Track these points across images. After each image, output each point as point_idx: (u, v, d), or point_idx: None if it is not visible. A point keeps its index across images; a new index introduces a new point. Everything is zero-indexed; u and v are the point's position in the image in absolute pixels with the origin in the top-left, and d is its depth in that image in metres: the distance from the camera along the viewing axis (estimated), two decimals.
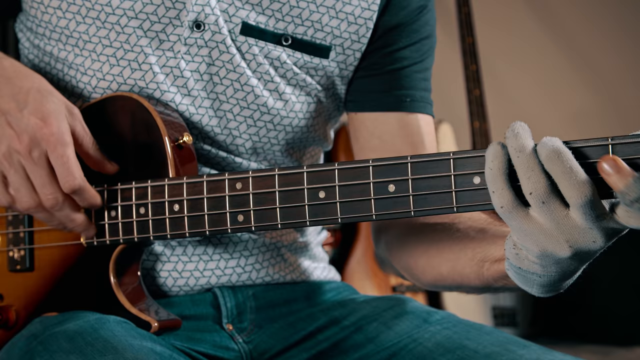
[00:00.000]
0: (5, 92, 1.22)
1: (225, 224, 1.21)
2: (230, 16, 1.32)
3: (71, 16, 1.33)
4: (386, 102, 1.40)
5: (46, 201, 1.22)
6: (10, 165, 1.22)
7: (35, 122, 1.20)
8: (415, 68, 1.40)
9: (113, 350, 1.15)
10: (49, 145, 1.20)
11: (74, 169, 1.21)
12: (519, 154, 0.99)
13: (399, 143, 1.40)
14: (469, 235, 1.25)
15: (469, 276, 1.23)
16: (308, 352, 1.39)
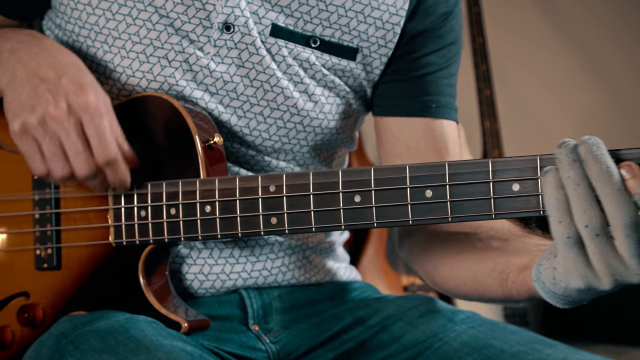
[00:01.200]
0: (45, 62, 1.22)
1: (258, 227, 1.21)
2: (260, 18, 1.32)
3: (101, 13, 1.33)
4: (412, 107, 1.40)
5: (79, 169, 1.22)
6: (45, 132, 1.21)
7: (73, 90, 1.20)
8: (441, 74, 1.41)
9: (145, 350, 1.15)
10: (86, 113, 1.20)
11: (109, 139, 1.21)
12: (576, 187, 1.00)
13: (423, 148, 1.40)
14: (491, 245, 1.26)
15: (491, 287, 1.23)
16: (334, 351, 1.39)
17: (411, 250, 1.43)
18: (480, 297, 1.28)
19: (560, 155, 1.01)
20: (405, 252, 1.46)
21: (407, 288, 3.11)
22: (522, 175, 1.05)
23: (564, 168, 1.00)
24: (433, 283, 1.38)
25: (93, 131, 1.20)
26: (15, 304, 1.39)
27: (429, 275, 1.38)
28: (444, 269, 1.33)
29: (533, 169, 1.05)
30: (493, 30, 3.51)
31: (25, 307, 1.37)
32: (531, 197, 1.05)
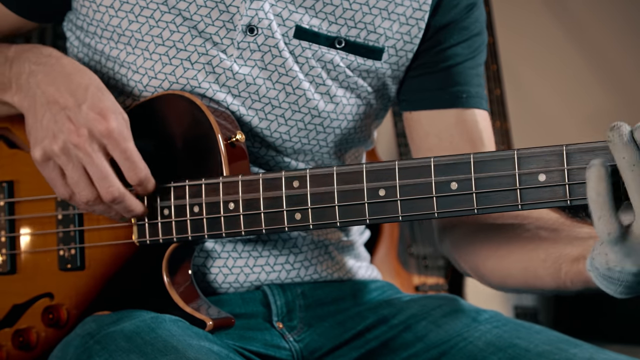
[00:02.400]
0: (64, 88, 1.23)
1: (282, 223, 1.22)
2: (284, 20, 1.33)
3: (123, 15, 1.33)
4: (442, 99, 1.40)
5: (106, 194, 1.23)
6: (69, 160, 1.23)
7: (94, 117, 1.21)
8: (468, 64, 1.40)
9: (174, 350, 1.15)
10: (110, 140, 1.21)
11: (138, 160, 1.23)
12: (633, 168, 0.98)
13: (456, 140, 1.39)
14: (540, 235, 1.24)
15: (544, 278, 1.22)
16: (358, 350, 1.39)
17: (454, 244, 1.41)
18: (530, 288, 1.27)
19: (614, 138, 0.99)
20: (447, 247, 1.44)
21: (418, 288, 3.11)
22: (549, 166, 1.05)
23: (618, 150, 0.99)
24: (479, 276, 1.37)
25: (121, 155, 1.23)
26: (40, 305, 1.40)
27: (475, 269, 1.37)
28: (490, 261, 1.32)
29: (559, 159, 1.05)
30: (503, 30, 3.51)
31: (50, 308, 1.38)
32: (558, 187, 1.05)
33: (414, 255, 2.96)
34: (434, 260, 2.98)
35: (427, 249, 2.98)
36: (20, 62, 1.28)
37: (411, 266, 2.98)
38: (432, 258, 2.99)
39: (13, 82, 1.28)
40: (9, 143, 1.45)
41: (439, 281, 2.97)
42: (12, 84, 1.28)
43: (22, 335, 1.40)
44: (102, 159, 1.22)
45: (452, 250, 1.42)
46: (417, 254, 2.97)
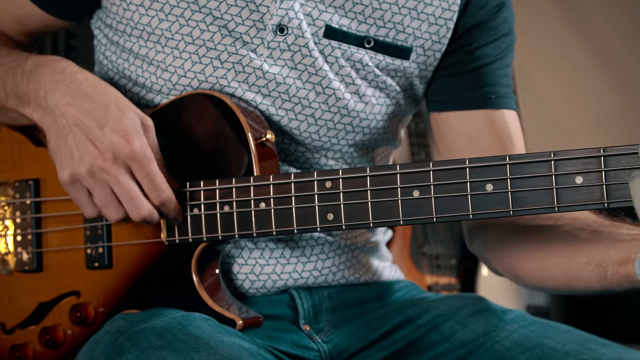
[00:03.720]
0: (84, 108, 1.24)
1: (314, 223, 1.22)
2: (314, 19, 1.33)
3: (154, 13, 1.33)
4: (471, 100, 1.40)
5: (135, 215, 1.25)
6: (95, 182, 1.24)
7: (118, 140, 1.22)
8: (496, 65, 1.40)
9: (206, 347, 1.15)
10: (134, 162, 1.22)
11: (160, 183, 1.24)
12: None
13: (486, 140, 1.39)
14: (579, 237, 1.24)
15: (588, 280, 1.21)
16: (385, 351, 1.39)
17: (486, 245, 1.41)
18: (572, 289, 1.27)
19: None
20: (479, 247, 1.44)
21: (430, 287, 3.11)
22: (586, 168, 1.05)
23: None
24: (515, 277, 1.37)
25: (144, 177, 1.24)
26: (66, 303, 1.40)
27: (510, 270, 1.36)
28: (529, 263, 1.31)
29: (597, 161, 1.05)
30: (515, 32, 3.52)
31: (77, 306, 1.38)
32: (595, 189, 1.05)
33: (427, 255, 2.96)
34: (446, 259, 2.99)
35: (439, 249, 2.98)
36: (37, 78, 1.28)
37: (424, 266, 2.98)
38: (445, 258, 2.99)
39: (32, 99, 1.28)
40: (35, 141, 1.45)
41: (451, 281, 2.97)
42: (30, 100, 1.28)
43: (49, 333, 1.40)
44: (129, 180, 1.23)
45: (485, 251, 1.42)
46: (429, 254, 2.97)
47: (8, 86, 1.30)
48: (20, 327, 1.44)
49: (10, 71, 1.31)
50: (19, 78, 1.29)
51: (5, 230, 1.46)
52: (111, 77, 1.41)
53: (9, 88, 1.30)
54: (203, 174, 1.30)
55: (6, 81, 1.31)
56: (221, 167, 1.30)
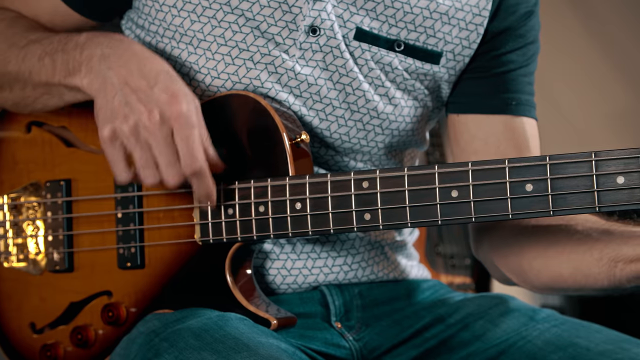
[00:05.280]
0: (136, 70, 1.23)
1: (351, 223, 1.22)
2: (345, 21, 1.33)
3: (186, 15, 1.34)
4: (492, 104, 1.41)
5: (169, 181, 1.22)
6: (137, 142, 1.22)
7: (166, 99, 1.20)
8: (520, 72, 1.42)
9: (245, 348, 1.16)
10: (177, 123, 1.20)
11: (197, 150, 1.21)
12: None
13: (503, 146, 1.41)
14: (591, 236, 1.25)
15: (597, 277, 1.23)
16: (416, 349, 1.40)
17: (493, 246, 1.42)
18: (581, 287, 1.28)
19: None
20: (485, 250, 1.44)
21: None
22: (627, 168, 1.06)
23: None
24: (522, 279, 1.38)
25: (182, 141, 1.21)
26: (98, 302, 1.40)
27: (518, 270, 1.37)
28: (537, 262, 1.33)
29: (638, 161, 1.06)
30: None
31: (109, 306, 1.38)
32: (636, 190, 1.06)
33: (441, 254, 2.97)
34: (461, 259, 2.99)
35: (454, 248, 2.98)
36: (92, 46, 1.27)
37: (438, 265, 2.98)
38: (459, 257, 2.99)
39: (83, 65, 1.27)
40: (66, 142, 1.46)
41: (466, 280, 2.97)
42: (82, 67, 1.27)
43: (81, 332, 1.40)
44: (170, 144, 1.21)
45: (492, 252, 1.42)
46: (444, 253, 2.97)
47: (57, 61, 1.29)
48: (50, 327, 1.44)
49: (60, 46, 1.30)
50: (71, 49, 1.28)
51: (36, 231, 1.46)
52: None
53: (59, 63, 1.29)
54: (238, 175, 1.30)
55: (56, 57, 1.30)
56: (256, 167, 1.30)
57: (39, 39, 1.34)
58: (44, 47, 1.32)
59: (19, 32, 1.38)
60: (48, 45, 1.32)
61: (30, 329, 1.46)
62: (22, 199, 1.48)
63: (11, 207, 1.48)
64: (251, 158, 1.31)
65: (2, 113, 1.51)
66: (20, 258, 1.47)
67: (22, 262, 1.47)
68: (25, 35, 1.37)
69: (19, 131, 1.50)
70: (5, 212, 1.48)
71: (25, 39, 1.36)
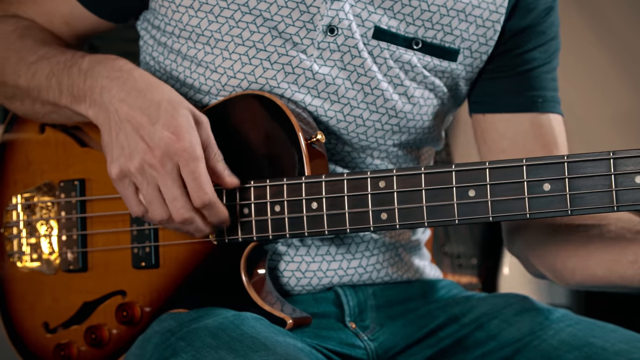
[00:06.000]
0: (138, 105, 1.23)
1: (368, 222, 1.22)
2: (363, 20, 1.33)
3: (203, 15, 1.34)
4: (518, 103, 1.42)
5: (177, 215, 1.24)
6: (143, 178, 1.23)
7: (168, 136, 1.21)
8: (544, 69, 1.42)
9: (263, 347, 1.16)
10: (182, 159, 1.21)
11: (205, 183, 1.23)
12: None
13: (531, 144, 1.41)
14: (625, 236, 1.26)
15: (632, 279, 1.24)
16: (431, 349, 1.40)
17: (528, 245, 1.43)
18: (613, 286, 1.29)
19: None
20: (520, 247, 1.46)
21: None
22: None
23: None
24: (556, 276, 1.39)
25: (189, 175, 1.22)
26: (112, 302, 1.41)
27: (552, 269, 1.38)
28: (571, 260, 1.33)
29: None
30: None
31: (124, 306, 1.38)
32: None
33: (448, 254, 2.97)
34: (467, 259, 2.99)
35: (460, 248, 2.99)
36: (94, 76, 1.28)
37: (445, 265, 2.98)
38: (466, 257, 2.99)
39: (87, 96, 1.28)
40: (80, 142, 1.46)
41: (473, 280, 2.97)
42: (86, 97, 1.28)
43: (95, 332, 1.40)
44: (175, 180, 1.22)
45: (525, 251, 1.43)
46: (450, 253, 2.98)
47: (64, 84, 1.31)
48: (63, 327, 1.45)
49: (65, 70, 1.31)
50: (76, 76, 1.29)
51: (50, 230, 1.46)
52: (158, 78, 1.41)
53: (65, 87, 1.30)
54: (253, 175, 1.30)
55: (62, 79, 1.31)
56: (271, 167, 1.30)
57: (48, 55, 1.36)
58: (52, 67, 1.34)
59: (30, 44, 1.39)
60: (55, 65, 1.33)
61: (44, 329, 1.46)
62: (35, 199, 1.48)
63: (25, 207, 1.48)
64: (267, 158, 1.31)
65: None
66: (34, 258, 1.47)
67: (36, 261, 1.47)
68: (36, 49, 1.38)
69: (33, 131, 1.50)
70: (19, 212, 1.49)
71: (35, 54, 1.37)
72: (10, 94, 1.42)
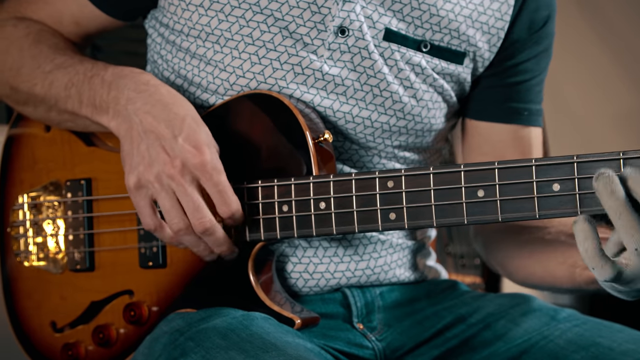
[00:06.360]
0: (163, 117, 1.25)
1: (376, 222, 1.22)
2: (374, 22, 1.33)
3: (213, 14, 1.34)
4: (504, 114, 1.45)
5: (198, 225, 1.24)
6: (162, 189, 1.24)
7: (189, 150, 1.22)
8: (534, 82, 1.46)
9: (273, 347, 1.16)
10: (204, 173, 1.23)
11: (230, 194, 1.24)
12: (620, 216, 1.03)
13: (509, 153, 1.45)
14: (559, 239, 1.32)
15: (561, 279, 1.31)
16: (438, 349, 1.40)
17: (484, 243, 1.51)
18: (549, 286, 1.37)
19: (599, 187, 1.04)
20: (480, 244, 1.54)
21: None
22: None
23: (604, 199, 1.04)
24: (506, 273, 1.48)
25: (213, 188, 1.24)
26: (120, 302, 1.41)
27: (502, 265, 1.47)
28: (515, 260, 1.42)
29: None
30: None
31: (132, 305, 1.38)
32: None
33: (451, 254, 2.97)
34: (470, 259, 2.99)
35: (464, 248, 2.98)
36: (119, 88, 1.28)
37: (448, 265, 2.98)
38: (469, 257, 2.99)
39: (110, 107, 1.29)
40: (86, 141, 1.46)
41: (476, 280, 2.97)
42: (109, 108, 1.29)
43: (103, 331, 1.40)
44: (194, 191, 1.23)
45: (483, 248, 1.52)
46: (454, 253, 2.98)
47: (84, 95, 1.31)
48: (70, 326, 1.45)
49: (86, 80, 1.32)
50: (98, 87, 1.30)
51: (57, 230, 1.46)
52: (166, 76, 1.42)
53: (85, 97, 1.31)
54: (260, 175, 1.30)
55: (82, 89, 1.32)
56: (279, 167, 1.30)
57: (65, 64, 1.36)
58: (70, 77, 1.34)
59: (45, 52, 1.40)
60: (74, 75, 1.34)
61: (51, 328, 1.46)
62: (42, 198, 1.48)
63: (31, 206, 1.48)
64: (274, 157, 1.31)
65: None
66: (40, 257, 1.47)
67: (42, 261, 1.47)
68: (52, 57, 1.38)
69: (39, 130, 1.50)
70: (25, 211, 1.49)
71: (52, 62, 1.38)
72: (22, 100, 1.42)
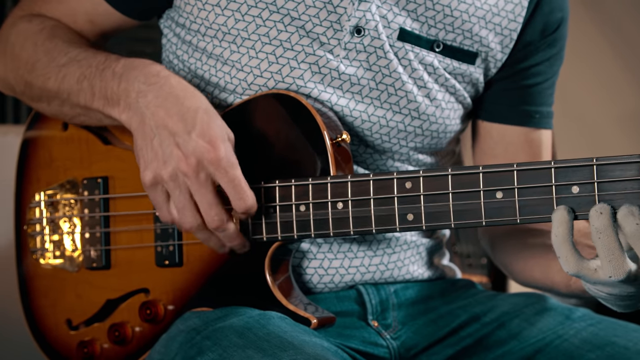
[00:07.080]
0: (174, 111, 1.23)
1: (394, 224, 1.23)
2: (389, 22, 1.34)
3: (230, 13, 1.34)
4: (516, 116, 1.47)
5: (211, 222, 1.24)
6: (176, 186, 1.24)
7: (203, 145, 1.22)
8: (546, 84, 1.47)
9: (291, 346, 1.16)
10: (219, 168, 1.22)
11: (246, 189, 1.24)
12: (600, 235, 1.07)
13: (521, 155, 1.47)
14: None
15: (559, 284, 1.32)
16: (452, 347, 1.41)
17: (490, 244, 1.54)
18: (549, 290, 1.39)
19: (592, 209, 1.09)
20: (486, 244, 1.56)
21: None
22: None
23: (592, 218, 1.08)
24: (509, 273, 1.50)
25: (229, 183, 1.23)
26: (136, 300, 1.41)
27: (506, 266, 1.49)
28: (518, 262, 1.43)
29: None
30: None
31: (147, 303, 1.39)
32: None
33: (458, 254, 2.98)
34: (477, 259, 3.00)
35: (470, 248, 2.99)
36: (129, 80, 1.27)
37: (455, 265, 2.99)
38: (476, 257, 3.00)
39: (122, 99, 1.28)
40: (103, 139, 1.46)
41: (483, 280, 2.98)
42: (120, 100, 1.28)
43: (118, 329, 1.41)
44: (209, 188, 1.23)
45: (489, 248, 1.54)
46: (460, 253, 2.98)
47: (96, 87, 1.31)
48: (85, 324, 1.45)
49: (98, 73, 1.31)
50: (109, 79, 1.29)
51: (73, 228, 1.47)
52: (183, 76, 1.42)
53: (97, 89, 1.30)
54: (278, 175, 1.30)
55: (94, 82, 1.31)
56: (296, 167, 1.30)
57: (79, 57, 1.36)
58: (83, 70, 1.33)
59: (59, 45, 1.39)
60: (87, 68, 1.33)
61: (67, 326, 1.47)
62: (58, 196, 1.48)
63: (48, 204, 1.49)
64: (292, 157, 1.31)
65: None
66: (57, 255, 1.48)
67: (59, 258, 1.48)
68: (66, 51, 1.38)
69: (56, 129, 1.51)
70: (42, 209, 1.49)
71: (65, 55, 1.37)
72: (36, 96, 1.42)
